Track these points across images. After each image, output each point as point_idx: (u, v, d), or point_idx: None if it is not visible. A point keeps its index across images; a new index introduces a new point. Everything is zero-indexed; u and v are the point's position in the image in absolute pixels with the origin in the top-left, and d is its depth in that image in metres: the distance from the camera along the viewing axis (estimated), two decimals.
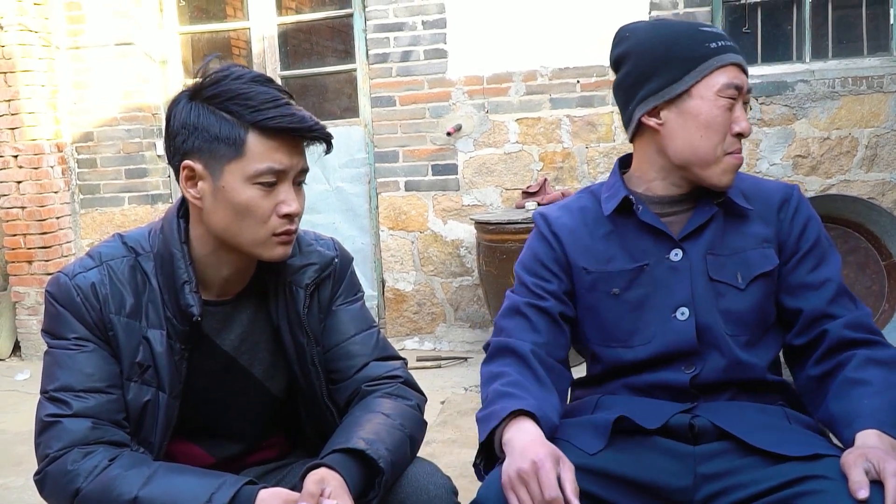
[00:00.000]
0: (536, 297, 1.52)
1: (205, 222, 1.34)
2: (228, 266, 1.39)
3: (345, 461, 1.25)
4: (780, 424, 1.39)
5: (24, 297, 5.00)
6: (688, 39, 1.42)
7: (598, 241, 1.54)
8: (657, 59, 1.43)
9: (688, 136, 1.43)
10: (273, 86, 1.31)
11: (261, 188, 1.28)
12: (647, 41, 1.46)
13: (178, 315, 1.35)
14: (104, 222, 5.16)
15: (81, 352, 1.32)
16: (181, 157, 1.31)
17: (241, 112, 1.26)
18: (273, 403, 1.51)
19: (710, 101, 1.40)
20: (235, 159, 1.27)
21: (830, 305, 1.45)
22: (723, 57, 1.40)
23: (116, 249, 1.39)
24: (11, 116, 4.82)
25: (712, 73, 1.40)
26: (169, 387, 1.36)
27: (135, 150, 5.08)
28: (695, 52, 1.40)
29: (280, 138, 1.28)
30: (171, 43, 5.22)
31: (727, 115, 1.41)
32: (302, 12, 5.31)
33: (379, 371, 1.49)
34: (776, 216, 1.50)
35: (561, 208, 1.61)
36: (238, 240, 1.32)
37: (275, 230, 1.31)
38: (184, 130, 1.30)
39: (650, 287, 1.49)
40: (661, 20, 1.47)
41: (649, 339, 1.47)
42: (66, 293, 1.33)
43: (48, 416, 1.29)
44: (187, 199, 1.34)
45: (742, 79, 1.41)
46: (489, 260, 4.12)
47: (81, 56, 5.05)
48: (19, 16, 4.72)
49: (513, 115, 4.58)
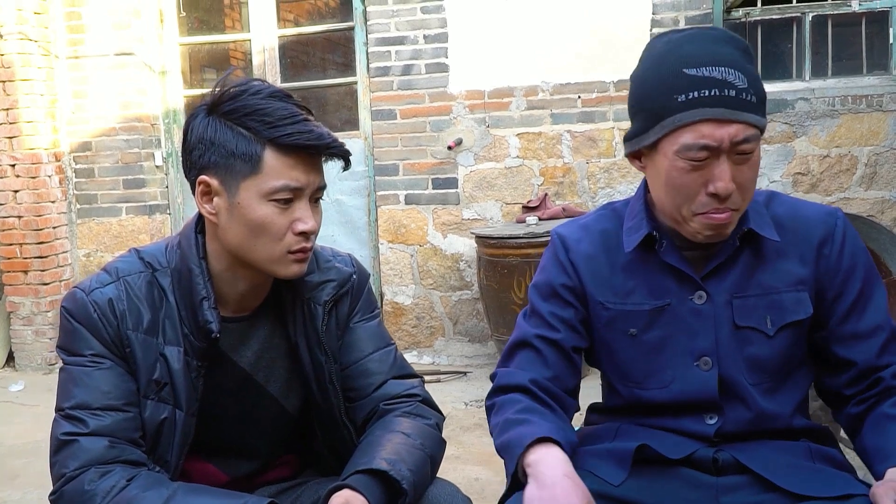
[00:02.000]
0: (549, 327, 1.45)
1: (220, 238, 1.33)
2: (245, 282, 1.37)
3: (368, 482, 1.23)
4: (805, 464, 1.34)
5: (19, 307, 4.96)
6: (662, 87, 1.25)
7: (617, 271, 1.44)
8: (635, 102, 1.33)
9: (657, 189, 1.34)
10: (291, 101, 1.29)
11: (277, 205, 1.26)
12: (639, 76, 1.33)
13: (196, 331, 1.33)
14: (101, 232, 5.13)
15: (98, 369, 1.29)
16: (197, 172, 1.30)
17: (259, 128, 1.24)
18: (288, 421, 1.49)
19: (670, 160, 1.26)
20: (252, 176, 1.25)
21: (882, 356, 1.37)
22: (691, 113, 1.22)
23: (133, 265, 1.37)
24: (10, 125, 4.79)
25: (676, 132, 1.24)
26: (186, 404, 1.34)
27: (133, 161, 5.06)
28: (662, 104, 1.25)
29: (297, 155, 1.26)
30: (171, 54, 5.20)
31: (693, 175, 1.25)
32: (301, 25, 5.31)
33: (397, 389, 1.47)
34: (816, 254, 1.37)
35: (581, 229, 1.51)
36: (253, 256, 1.30)
37: (290, 248, 1.29)
38: (200, 145, 1.28)
39: (671, 329, 1.40)
40: (670, 46, 1.28)
41: (667, 384, 1.40)
42: (82, 309, 1.31)
43: (64, 434, 1.26)
44: (203, 213, 1.32)
45: (719, 135, 1.21)
46: (490, 274, 4.12)
47: (81, 65, 5.04)
48: (19, 24, 4.70)
49: (513, 129, 4.59)
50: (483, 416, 3.92)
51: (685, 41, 1.27)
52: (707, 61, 1.23)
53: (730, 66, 1.22)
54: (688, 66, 1.23)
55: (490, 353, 4.62)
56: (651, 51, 1.33)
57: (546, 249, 1.55)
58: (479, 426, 3.44)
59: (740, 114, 1.21)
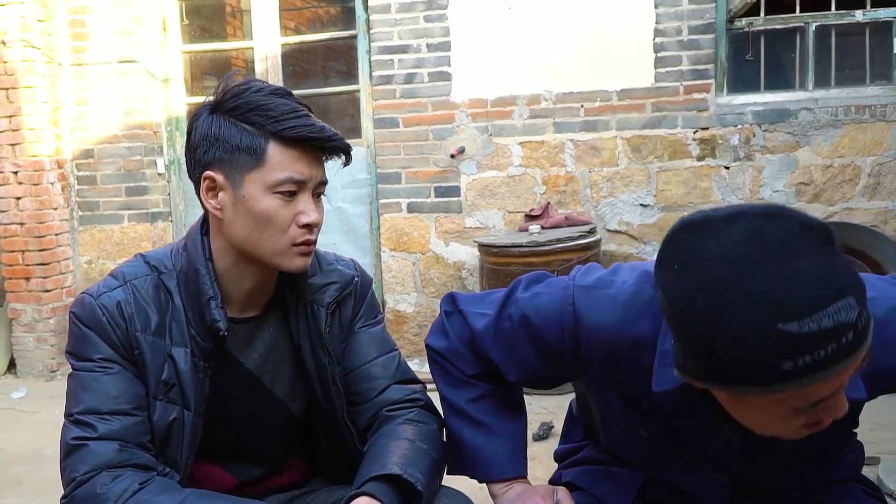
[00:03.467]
0: (510, 367, 1.33)
1: (225, 234, 1.34)
2: (250, 279, 1.38)
3: (384, 488, 1.24)
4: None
5: (21, 313, 4.95)
6: (752, 351, 0.88)
7: (639, 375, 1.16)
8: (699, 349, 0.93)
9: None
10: (292, 98, 1.32)
11: (281, 197, 1.29)
12: (696, 316, 0.92)
13: (203, 332, 1.34)
14: (103, 239, 5.13)
15: (106, 374, 1.30)
16: (202, 169, 1.32)
17: (262, 122, 1.28)
18: (293, 424, 1.50)
19: (759, 409, 0.98)
20: (256, 168, 1.28)
21: None
22: (804, 381, 0.89)
23: (139, 269, 1.39)
24: (12, 132, 4.79)
25: (780, 394, 0.91)
26: (194, 405, 1.35)
27: (135, 168, 5.06)
28: (759, 373, 0.89)
29: (300, 148, 1.29)
30: (174, 61, 5.21)
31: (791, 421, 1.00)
32: (303, 33, 5.32)
33: (399, 395, 1.48)
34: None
35: (609, 315, 1.19)
36: (258, 250, 1.32)
37: (294, 240, 1.32)
38: (205, 142, 1.31)
39: (690, 445, 1.22)
40: (736, 276, 0.89)
41: (676, 476, 1.28)
42: (91, 313, 1.32)
43: (74, 439, 1.27)
44: (208, 210, 1.34)
45: (821, 392, 0.93)
46: (492, 283, 4.11)
47: (84, 73, 5.04)
48: (23, 32, 4.71)
49: (516, 138, 4.59)
50: None
51: (752, 266, 0.89)
52: (808, 307, 0.86)
53: (835, 300, 0.87)
54: (784, 321, 0.86)
55: None
56: (706, 276, 0.91)
57: (555, 303, 1.25)
58: None
59: (850, 359, 0.90)
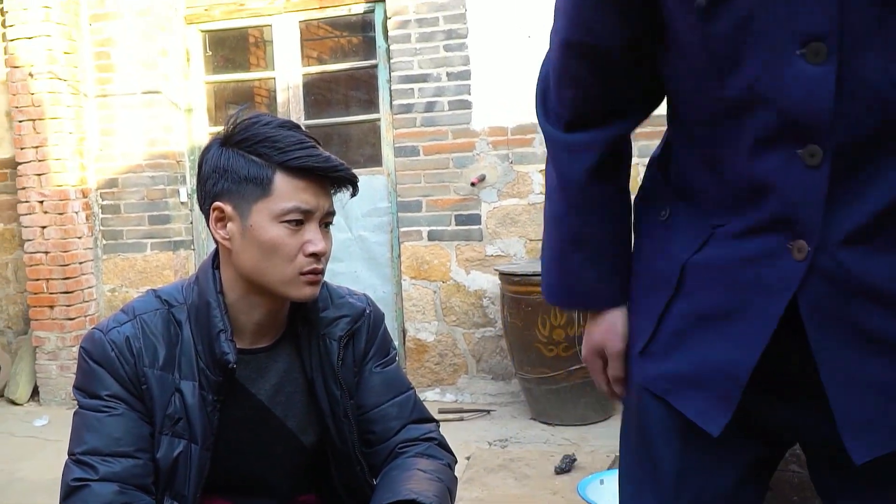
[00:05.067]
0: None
1: (234, 264, 1.36)
2: (260, 310, 1.40)
3: None
4: None
5: (45, 341, 4.99)
6: None
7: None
8: None
9: None
10: (300, 131, 1.35)
11: (287, 227, 1.31)
12: None
13: (212, 365, 1.36)
14: (126, 268, 5.17)
15: (111, 415, 1.32)
16: (211, 200, 1.35)
17: (269, 153, 1.30)
18: (304, 457, 1.51)
19: None
20: (263, 198, 1.30)
21: None
22: None
23: (149, 304, 1.41)
24: (39, 163, 4.86)
25: None
26: (201, 438, 1.36)
27: (158, 197, 5.11)
28: None
29: (306, 178, 1.31)
30: (197, 91, 5.28)
31: None
32: (325, 62, 5.37)
33: (415, 434, 1.51)
34: None
35: None
36: (266, 279, 1.34)
37: (301, 269, 1.33)
38: (214, 174, 1.34)
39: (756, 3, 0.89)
40: None
41: (748, 84, 0.93)
42: (100, 348, 1.35)
43: (74, 480, 1.29)
44: (217, 240, 1.37)
45: None
46: (513, 312, 4.09)
47: (109, 104, 5.11)
48: (50, 64, 4.79)
49: (537, 166, 4.58)
50: (508, 458, 3.84)
51: None
52: None
53: None
54: None
55: (514, 392, 4.57)
56: None
57: None
58: (504, 467, 3.39)
59: None
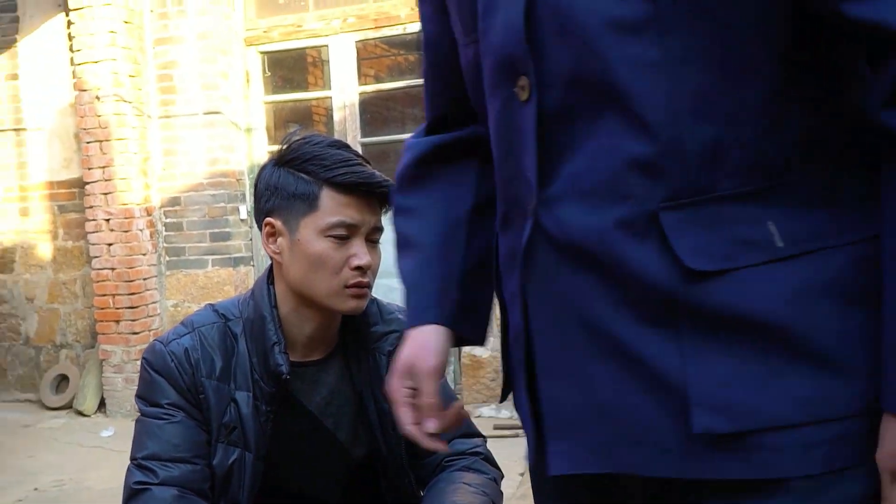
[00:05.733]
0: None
1: (284, 277, 1.42)
2: (310, 323, 1.44)
3: None
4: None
5: (111, 355, 5.15)
6: None
7: None
8: None
9: None
10: (347, 149, 1.41)
11: (333, 241, 1.36)
12: None
13: (266, 377, 1.41)
14: (188, 284, 5.31)
15: (170, 422, 1.39)
16: (264, 216, 1.42)
17: (317, 171, 1.36)
18: (353, 470, 1.54)
19: None
20: (310, 214, 1.36)
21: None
22: None
23: (207, 317, 1.48)
24: (105, 182, 5.04)
25: None
26: (255, 447, 1.41)
27: (219, 215, 5.24)
28: None
29: (352, 194, 1.36)
30: (257, 111, 5.41)
31: None
32: (381, 80, 5.44)
33: (462, 448, 1.54)
34: None
35: None
36: (313, 291, 1.39)
37: (346, 282, 1.37)
38: (266, 192, 1.41)
39: None
40: None
41: (481, 36, 0.89)
42: (161, 359, 1.41)
43: (136, 483, 1.35)
44: (269, 254, 1.43)
45: None
46: None
47: (171, 125, 5.27)
48: (115, 87, 4.96)
49: None
50: None
51: None
52: None
53: None
54: None
55: None
56: None
57: None
58: None
59: None
